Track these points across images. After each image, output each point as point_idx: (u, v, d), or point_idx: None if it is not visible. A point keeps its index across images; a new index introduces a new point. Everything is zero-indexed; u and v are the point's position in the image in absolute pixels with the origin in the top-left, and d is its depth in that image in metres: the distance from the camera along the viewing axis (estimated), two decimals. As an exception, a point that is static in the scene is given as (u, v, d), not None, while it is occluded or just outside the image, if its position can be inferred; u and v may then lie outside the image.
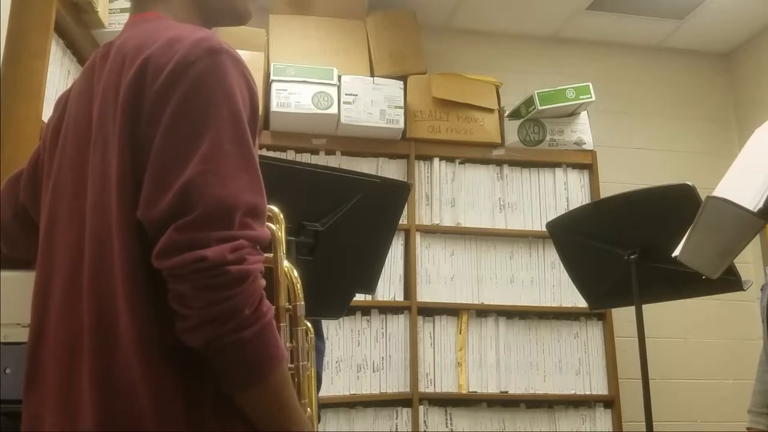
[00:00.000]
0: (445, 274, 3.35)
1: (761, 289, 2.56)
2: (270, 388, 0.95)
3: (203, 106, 0.95)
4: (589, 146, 3.59)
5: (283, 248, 1.14)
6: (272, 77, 3.22)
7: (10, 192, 1.25)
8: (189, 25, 1.07)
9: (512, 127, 3.53)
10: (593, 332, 3.41)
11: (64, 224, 1.05)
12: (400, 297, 3.28)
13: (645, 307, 2.22)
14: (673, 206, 2.07)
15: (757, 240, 3.70)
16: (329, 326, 3.15)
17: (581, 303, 2.71)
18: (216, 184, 0.92)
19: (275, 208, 1.14)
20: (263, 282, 0.96)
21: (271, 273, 1.09)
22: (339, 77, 3.30)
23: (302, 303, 1.13)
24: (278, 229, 1.13)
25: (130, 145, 0.96)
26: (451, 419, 3.20)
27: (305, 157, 3.31)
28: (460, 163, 3.50)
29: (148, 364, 0.93)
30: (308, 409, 1.15)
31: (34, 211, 1.19)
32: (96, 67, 1.10)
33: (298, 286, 1.13)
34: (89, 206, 1.00)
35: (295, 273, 1.13)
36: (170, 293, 0.92)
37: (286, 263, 1.11)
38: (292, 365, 1.14)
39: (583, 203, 3.40)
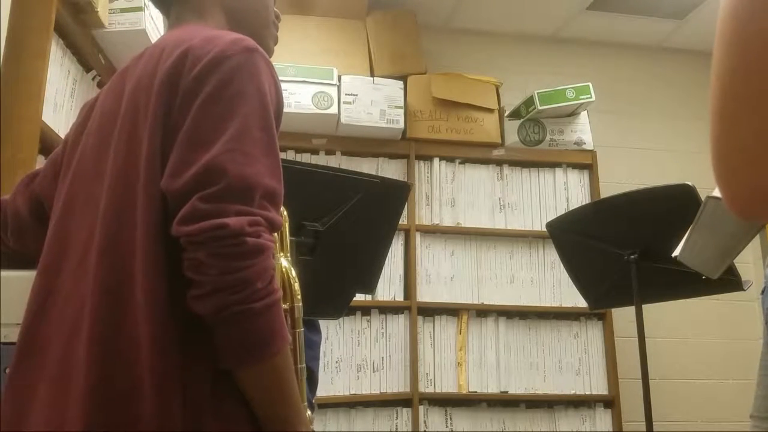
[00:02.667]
0: (445, 274, 3.35)
1: (762, 293, 2.56)
2: (271, 368, 0.96)
3: (235, 94, 1.01)
4: (589, 146, 3.59)
5: (286, 248, 1.14)
6: (272, 77, 3.22)
7: (26, 188, 1.28)
8: (227, 30, 1.15)
9: (512, 127, 3.53)
10: (593, 332, 3.41)
11: (80, 209, 1.08)
12: (400, 297, 3.28)
13: (645, 307, 2.22)
14: (673, 206, 2.07)
15: (757, 240, 3.71)
16: (329, 326, 3.15)
17: (581, 303, 2.71)
18: (241, 162, 0.96)
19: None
20: (274, 263, 0.99)
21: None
22: (339, 77, 3.31)
23: (300, 305, 1.12)
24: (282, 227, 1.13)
25: (162, 126, 1.01)
26: (451, 419, 3.20)
27: (305, 157, 3.31)
28: (460, 163, 3.50)
29: (157, 330, 0.94)
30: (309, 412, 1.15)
31: (48, 204, 1.22)
32: (129, 67, 1.16)
33: (296, 286, 1.11)
34: (108, 185, 1.04)
35: (293, 273, 1.12)
36: (186, 262, 0.94)
37: (284, 262, 1.11)
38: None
39: (583, 203, 3.40)
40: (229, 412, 0.97)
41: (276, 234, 1.08)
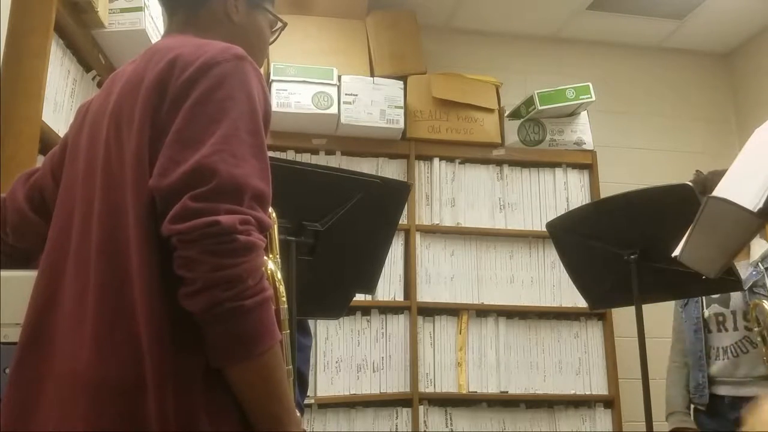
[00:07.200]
0: (445, 274, 3.35)
1: (684, 305, 2.59)
2: (262, 366, 0.97)
3: (224, 98, 1.02)
4: (589, 146, 3.59)
5: (274, 250, 1.14)
6: (272, 77, 3.22)
7: (24, 184, 1.30)
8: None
9: (512, 127, 3.53)
10: (593, 332, 3.41)
11: (78, 208, 1.10)
12: (400, 297, 3.28)
13: (645, 307, 2.22)
14: (673, 206, 2.06)
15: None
16: (329, 326, 3.15)
17: (581, 303, 2.71)
18: (231, 163, 0.98)
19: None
20: (264, 261, 1.00)
21: None
22: (339, 77, 3.30)
23: (285, 307, 1.13)
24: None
25: (150, 127, 1.02)
26: (451, 419, 3.20)
27: (305, 157, 3.31)
28: (460, 163, 3.50)
29: (155, 328, 0.96)
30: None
31: (49, 198, 1.24)
32: (120, 71, 1.19)
33: (281, 288, 1.12)
34: (99, 185, 1.06)
35: (279, 275, 1.12)
36: (178, 260, 0.95)
37: (271, 265, 1.11)
38: None
39: (583, 203, 3.40)
40: (221, 412, 0.98)
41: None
